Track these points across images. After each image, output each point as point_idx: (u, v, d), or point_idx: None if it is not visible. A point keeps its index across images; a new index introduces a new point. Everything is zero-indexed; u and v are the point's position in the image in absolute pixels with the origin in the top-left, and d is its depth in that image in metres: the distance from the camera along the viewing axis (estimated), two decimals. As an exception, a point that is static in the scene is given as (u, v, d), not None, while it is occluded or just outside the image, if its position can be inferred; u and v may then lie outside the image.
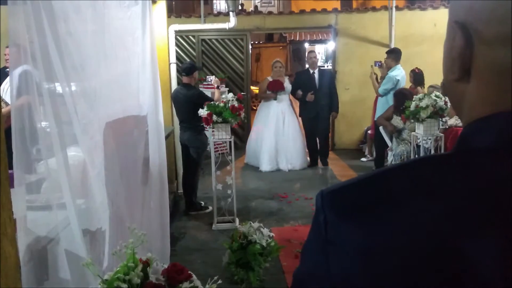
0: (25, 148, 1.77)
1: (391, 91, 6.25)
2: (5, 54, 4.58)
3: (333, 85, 7.37)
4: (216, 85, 5.66)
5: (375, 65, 7.00)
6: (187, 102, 5.16)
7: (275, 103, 7.24)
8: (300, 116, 7.42)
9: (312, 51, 7.73)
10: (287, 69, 14.27)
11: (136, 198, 2.88)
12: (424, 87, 6.71)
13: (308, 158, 7.41)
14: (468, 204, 0.46)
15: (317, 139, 7.36)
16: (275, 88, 7.11)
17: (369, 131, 7.67)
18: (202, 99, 5.13)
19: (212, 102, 4.94)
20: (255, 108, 12.35)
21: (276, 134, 7.20)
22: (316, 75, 7.23)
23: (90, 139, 2.27)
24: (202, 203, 5.50)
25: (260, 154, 7.26)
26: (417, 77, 6.79)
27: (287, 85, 7.25)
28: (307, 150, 7.44)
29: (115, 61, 2.75)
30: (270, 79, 7.22)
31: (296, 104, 7.70)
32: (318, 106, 7.07)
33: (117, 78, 2.75)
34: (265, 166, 7.15)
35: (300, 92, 7.14)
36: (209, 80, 7.39)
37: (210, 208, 5.30)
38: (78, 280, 2.04)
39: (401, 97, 5.49)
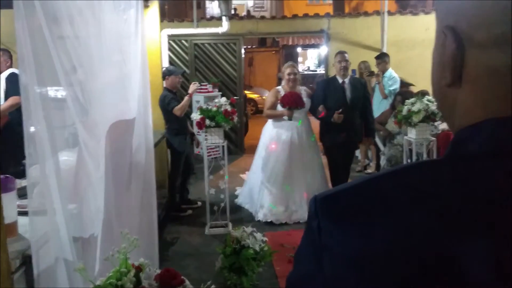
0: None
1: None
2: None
3: (368, 101, 5.34)
4: (189, 91, 5.24)
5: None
6: (159, 105, 5.22)
7: (289, 124, 5.20)
8: (321, 141, 5.33)
9: (341, 53, 5.21)
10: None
11: (125, 203, 2.86)
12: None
13: None
14: (460, 209, 0.47)
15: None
16: (293, 103, 4.99)
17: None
18: (165, 102, 5.15)
19: (177, 106, 5.03)
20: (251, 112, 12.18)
21: (291, 166, 5.23)
22: (347, 86, 5.09)
23: (88, 142, 2.26)
24: (187, 205, 5.60)
25: (262, 195, 5.31)
26: None
27: (306, 99, 5.21)
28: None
29: (110, 65, 2.74)
30: (281, 90, 5.28)
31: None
32: (348, 128, 4.99)
33: (112, 82, 2.73)
34: (264, 215, 5.19)
35: (323, 110, 5.00)
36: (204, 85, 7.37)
37: (190, 211, 5.50)
38: (70, 286, 2.02)
39: (407, 96, 5.51)
